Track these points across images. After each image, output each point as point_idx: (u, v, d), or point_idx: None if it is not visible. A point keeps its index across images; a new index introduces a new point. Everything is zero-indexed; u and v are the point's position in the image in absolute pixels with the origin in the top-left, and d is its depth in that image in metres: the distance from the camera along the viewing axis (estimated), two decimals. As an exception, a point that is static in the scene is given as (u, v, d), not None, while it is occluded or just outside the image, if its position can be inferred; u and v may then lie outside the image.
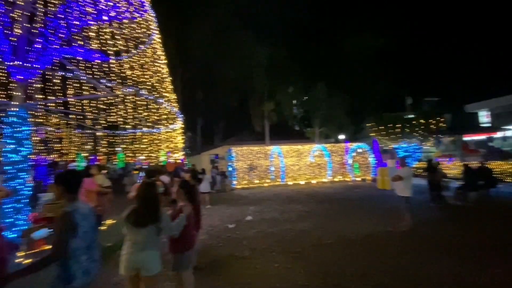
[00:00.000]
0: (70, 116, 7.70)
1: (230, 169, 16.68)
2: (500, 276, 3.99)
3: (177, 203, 3.47)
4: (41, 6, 5.81)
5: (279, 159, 17.06)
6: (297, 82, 25.02)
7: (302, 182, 17.06)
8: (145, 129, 8.46)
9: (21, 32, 5.52)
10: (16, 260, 4.31)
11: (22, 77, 5.46)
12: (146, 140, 8.90)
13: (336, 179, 17.53)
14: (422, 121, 15.62)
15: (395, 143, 16.95)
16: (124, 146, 8.93)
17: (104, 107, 7.55)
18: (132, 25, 7.28)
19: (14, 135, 5.27)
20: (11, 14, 5.53)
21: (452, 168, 14.66)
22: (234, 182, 16.22)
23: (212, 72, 24.62)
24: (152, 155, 8.77)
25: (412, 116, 17.24)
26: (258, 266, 4.66)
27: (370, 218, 7.64)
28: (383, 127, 16.60)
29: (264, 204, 10.62)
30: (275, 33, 27.14)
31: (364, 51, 24.37)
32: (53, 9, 5.86)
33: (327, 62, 24.62)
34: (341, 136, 25.81)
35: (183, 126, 9.94)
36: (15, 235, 5.05)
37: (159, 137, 8.99)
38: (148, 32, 7.77)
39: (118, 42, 6.79)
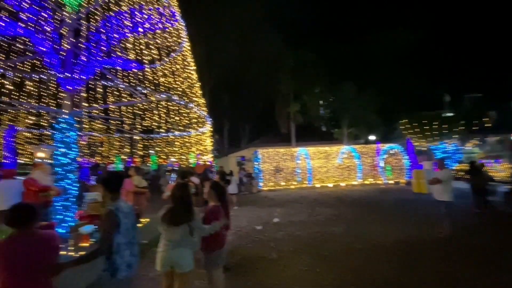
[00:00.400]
0: (110, 121, 8.35)
1: (256, 171, 16.81)
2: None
3: (209, 203, 3.62)
4: (85, 22, 6.40)
5: (305, 161, 16.83)
6: (324, 82, 24.48)
7: (330, 185, 16.65)
8: (177, 133, 8.88)
9: (68, 46, 6.11)
10: (65, 253, 4.75)
11: (70, 87, 6.05)
12: (178, 143, 9.35)
13: (367, 182, 16.86)
14: (462, 120, 14.48)
15: (432, 143, 15.88)
16: (158, 149, 9.48)
17: (140, 112, 8.09)
18: (164, 35, 7.72)
19: (64, 139, 5.84)
20: (59, 31, 6.15)
21: (499, 170, 13.37)
22: (261, 184, 16.30)
23: (239, 75, 25.03)
24: (183, 157, 9.18)
25: (451, 114, 16.05)
26: (285, 269, 4.66)
27: (404, 223, 7.25)
28: (418, 127, 15.63)
29: (291, 206, 10.54)
30: (301, 33, 26.95)
31: (397, 47, 23.16)
32: (95, 24, 6.43)
33: (355, 60, 23.77)
34: (372, 137, 24.73)
35: (211, 129, 10.27)
36: (64, 230, 5.57)
37: (190, 140, 9.39)
38: (178, 40, 8.17)
39: (152, 51, 7.25)
